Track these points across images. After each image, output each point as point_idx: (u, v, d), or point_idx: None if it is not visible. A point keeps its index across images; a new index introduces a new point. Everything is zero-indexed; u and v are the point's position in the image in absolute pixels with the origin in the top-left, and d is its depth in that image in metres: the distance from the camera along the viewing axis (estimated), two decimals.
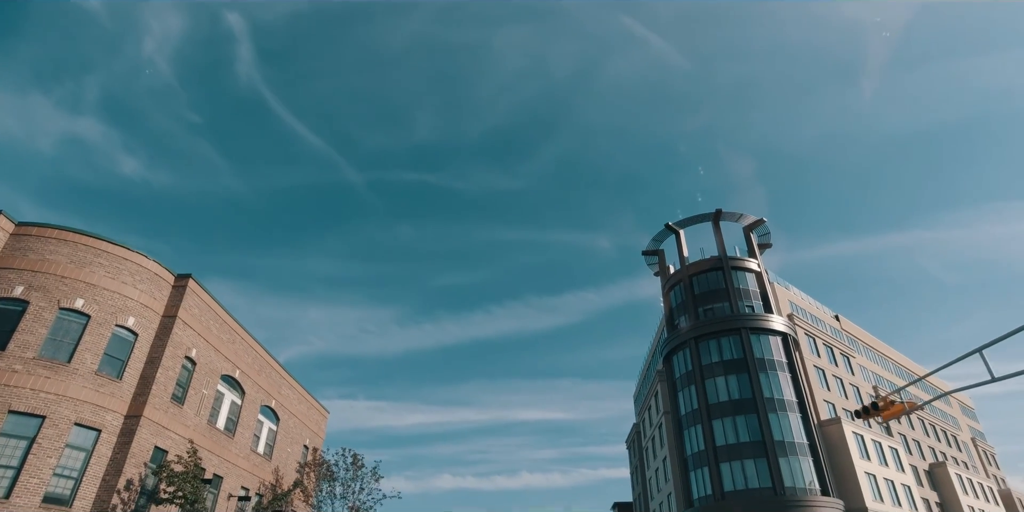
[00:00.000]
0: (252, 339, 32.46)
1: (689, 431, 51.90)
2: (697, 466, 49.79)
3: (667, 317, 60.41)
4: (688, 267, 58.44)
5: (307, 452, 38.03)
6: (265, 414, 34.12)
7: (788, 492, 44.98)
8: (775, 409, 48.62)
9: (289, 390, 37.07)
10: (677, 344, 55.20)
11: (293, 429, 37.30)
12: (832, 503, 45.17)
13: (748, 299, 55.12)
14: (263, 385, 33.47)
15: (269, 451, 34.30)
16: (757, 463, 46.59)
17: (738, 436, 48.32)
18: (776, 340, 52.61)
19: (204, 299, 27.78)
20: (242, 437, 30.98)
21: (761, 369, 50.43)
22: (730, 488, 46.77)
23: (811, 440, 48.07)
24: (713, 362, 52.32)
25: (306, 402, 39.67)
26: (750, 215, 59.27)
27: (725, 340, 52.71)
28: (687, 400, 53.11)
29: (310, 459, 35.84)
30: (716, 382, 51.24)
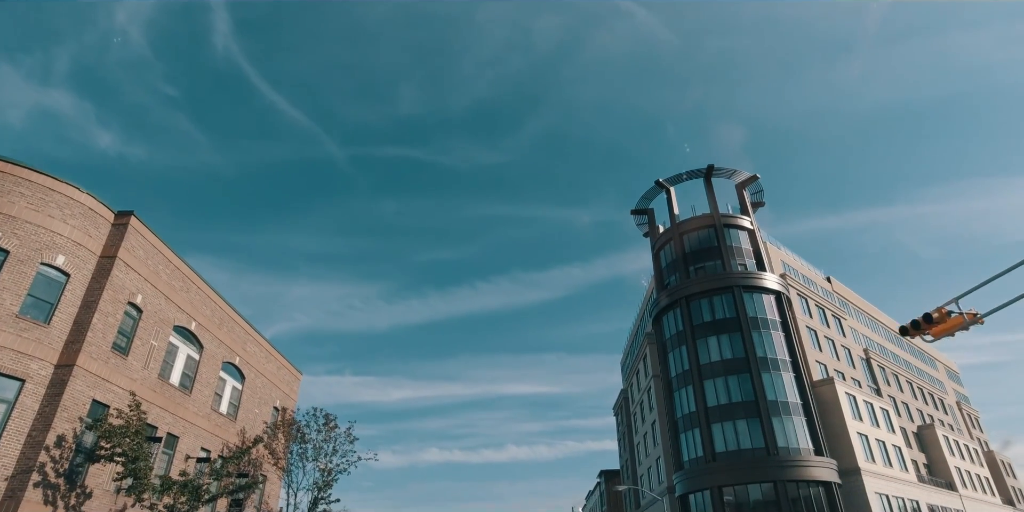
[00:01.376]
0: (211, 290, 29.72)
1: (679, 393, 50.21)
2: (688, 428, 48.21)
3: (657, 277, 58.33)
4: (679, 225, 56.20)
5: (277, 414, 35.65)
6: (228, 372, 31.57)
7: (781, 452, 43.54)
8: (768, 368, 46.96)
9: (255, 347, 34.50)
10: (668, 303, 53.20)
11: (261, 389, 34.84)
12: (826, 463, 43.83)
13: (741, 257, 53.08)
14: (225, 340, 30.85)
15: (233, 411, 31.85)
16: (750, 423, 45.04)
17: (730, 396, 46.68)
18: (769, 299, 50.76)
19: (150, 240, 24.93)
20: (201, 395, 28.46)
21: (754, 328, 48.63)
22: (722, 449, 45.26)
23: (804, 400, 46.57)
24: (705, 321, 50.42)
25: (275, 361, 37.16)
26: (743, 171, 56.94)
27: (717, 299, 50.76)
28: (677, 361, 51.32)
29: (279, 420, 33.45)
30: (708, 342, 49.40)
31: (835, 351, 59.13)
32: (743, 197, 57.28)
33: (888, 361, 69.21)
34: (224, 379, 31.16)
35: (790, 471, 42.62)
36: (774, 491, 42.27)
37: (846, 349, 61.48)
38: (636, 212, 61.93)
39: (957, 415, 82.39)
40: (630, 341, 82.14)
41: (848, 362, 60.34)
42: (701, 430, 46.52)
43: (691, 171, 57.61)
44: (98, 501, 21.23)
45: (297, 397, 39.81)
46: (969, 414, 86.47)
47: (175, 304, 26.55)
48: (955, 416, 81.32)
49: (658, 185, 59.05)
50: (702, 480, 45.07)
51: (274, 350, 37.24)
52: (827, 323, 60.81)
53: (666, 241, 57.20)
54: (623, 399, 76.85)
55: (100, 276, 22.24)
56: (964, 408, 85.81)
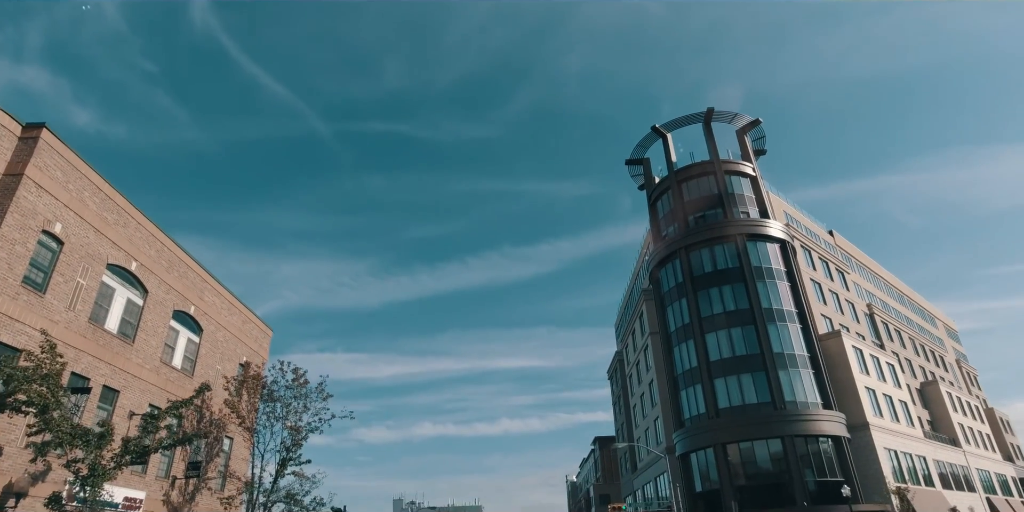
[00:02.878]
0: (156, 227, 26.12)
1: (680, 348, 47.41)
2: (688, 384, 45.54)
3: (653, 229, 55.13)
4: (677, 173, 52.79)
5: (244, 371, 32.40)
6: (182, 322, 28.16)
7: (789, 406, 40.97)
8: (774, 320, 44.14)
9: (215, 297, 31.06)
10: (666, 255, 50.07)
11: (223, 344, 31.50)
12: (835, 417, 41.34)
13: (743, 205, 49.88)
14: (175, 286, 27.36)
15: (190, 366, 28.54)
16: (755, 377, 42.36)
17: (734, 350, 43.91)
18: (774, 248, 47.73)
19: (71, 160, 21.24)
20: (146, 345, 25.07)
21: (759, 278, 45.68)
22: (725, 405, 42.63)
23: (812, 352, 43.89)
24: (706, 272, 47.40)
25: (240, 314, 33.78)
26: (745, 115, 53.38)
27: (719, 248, 47.66)
28: (677, 315, 48.41)
29: (244, 375, 30.16)
30: (709, 293, 46.44)
31: (839, 305, 56.47)
32: (744, 143, 53.82)
33: (891, 317, 66.85)
34: (177, 330, 27.77)
35: (798, 426, 40.09)
36: (782, 447, 39.78)
37: (850, 304, 58.88)
38: (631, 162, 58.37)
39: (957, 373, 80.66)
40: (624, 302, 79.34)
41: (852, 317, 57.77)
42: (703, 386, 43.83)
43: (689, 115, 54.00)
44: (11, 460, 17.94)
45: (267, 355, 36.58)
46: (968, 372, 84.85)
47: (109, 239, 22.96)
48: (955, 374, 79.58)
49: (655, 132, 55.43)
50: (704, 438, 42.53)
51: (239, 303, 33.86)
52: (831, 277, 58.04)
53: (664, 190, 53.84)
54: (618, 362, 74.31)
55: (3, 197, 18.59)
56: (963, 366, 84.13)
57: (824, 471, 39.44)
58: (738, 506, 39.48)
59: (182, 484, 27.27)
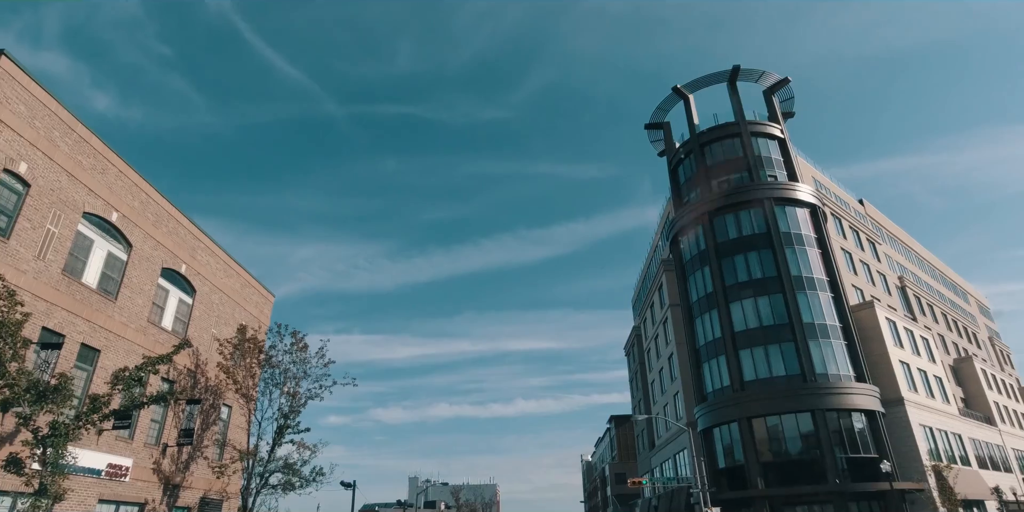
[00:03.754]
0: (139, 176, 24.19)
1: (702, 319, 45.12)
2: (711, 356, 43.31)
3: (674, 196, 52.57)
4: (700, 135, 50.03)
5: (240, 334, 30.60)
6: (172, 281, 26.36)
7: (819, 379, 38.66)
8: (803, 288, 41.65)
9: (210, 257, 29.22)
10: (688, 221, 47.56)
11: (219, 306, 29.72)
12: (868, 390, 38.98)
13: (771, 168, 47.12)
14: (165, 242, 25.50)
15: (181, 328, 26.80)
16: (783, 348, 40.02)
17: (760, 319, 41.54)
18: (803, 213, 45.05)
19: (38, 95, 19.25)
20: (131, 303, 23.28)
21: (787, 244, 43.10)
22: (751, 377, 40.39)
23: (844, 323, 41.42)
24: (731, 239, 44.88)
25: (238, 277, 31.98)
26: (773, 73, 50.36)
27: (744, 214, 45.07)
28: (699, 284, 46.03)
29: (239, 339, 28.30)
30: (734, 261, 43.98)
31: (871, 276, 53.73)
32: (772, 104, 50.85)
33: (923, 291, 63.89)
34: (167, 289, 25.97)
35: (829, 399, 37.81)
36: (812, 421, 37.56)
37: (881, 275, 56.09)
38: (650, 126, 55.63)
39: (990, 350, 77.59)
40: (642, 277, 76.97)
41: (884, 289, 55.03)
42: (727, 357, 41.59)
43: (713, 74, 51.07)
44: None
45: (268, 321, 34.82)
46: (1002, 350, 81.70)
47: (84, 186, 21.05)
48: (988, 351, 76.53)
49: (676, 93, 52.58)
50: (728, 412, 40.40)
51: (237, 265, 32.02)
52: (861, 247, 55.21)
53: (685, 155, 51.16)
54: (635, 337, 72.19)
55: None
56: (996, 344, 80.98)
57: (857, 447, 37.21)
58: (764, 483, 37.45)
59: (175, 452, 25.68)
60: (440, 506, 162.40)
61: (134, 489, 23.05)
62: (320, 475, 26.37)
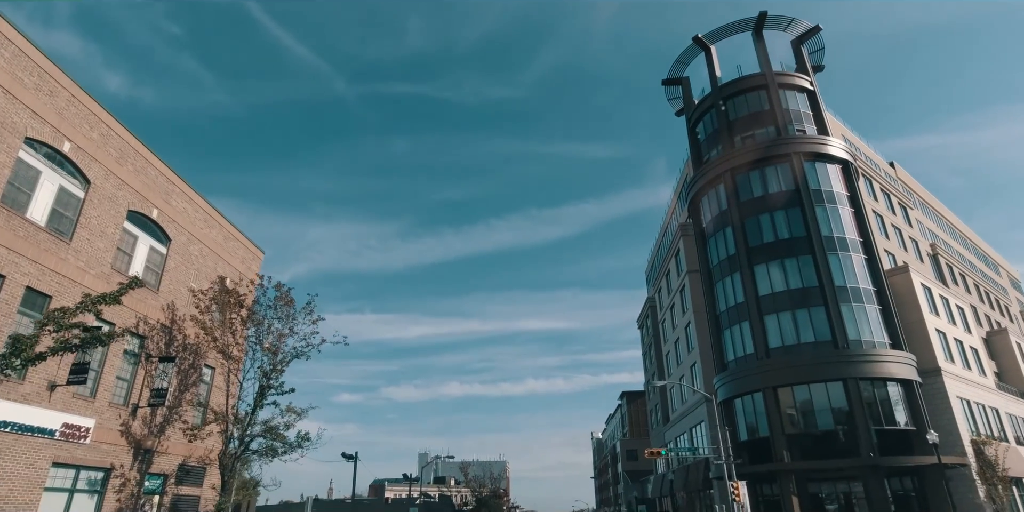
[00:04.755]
0: (98, 104, 21.48)
1: (723, 283, 42.20)
2: (733, 322, 40.48)
3: (693, 155, 49.34)
4: (723, 88, 46.60)
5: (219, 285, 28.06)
6: (142, 226, 23.79)
7: (852, 345, 35.76)
8: (835, 249, 38.58)
9: (186, 204, 26.60)
10: (709, 180, 44.43)
11: (199, 259, 27.18)
12: (905, 358, 36.07)
13: (799, 122, 43.73)
14: (131, 182, 22.87)
15: (154, 280, 24.30)
16: (812, 313, 37.12)
17: (787, 282, 38.58)
18: (835, 169, 41.77)
19: None
20: (90, 246, 20.72)
21: (817, 202, 39.97)
22: (777, 344, 37.57)
23: (879, 286, 38.34)
24: (755, 197, 41.75)
25: (221, 229, 29.39)
26: (803, 21, 46.63)
27: (771, 170, 41.85)
28: (720, 247, 43.04)
29: (217, 290, 25.68)
30: (759, 221, 40.89)
31: (902, 242, 50.45)
32: (801, 55, 47.22)
33: (955, 260, 60.46)
34: (135, 235, 23.41)
35: (863, 367, 34.97)
36: (843, 390, 34.78)
37: (914, 242, 52.76)
38: (668, 82, 52.17)
39: (1021, 324, 74.16)
40: (656, 245, 73.92)
41: (916, 256, 51.76)
42: (751, 323, 38.75)
43: (738, 21, 47.45)
44: None
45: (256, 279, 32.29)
46: None
47: (26, 107, 18.34)
48: (1020, 325, 73.10)
49: (696, 44, 49.03)
50: (752, 381, 37.69)
51: (220, 216, 29.42)
52: (893, 210, 51.85)
53: (706, 110, 47.78)
54: (649, 309, 69.43)
55: None
56: None
57: (893, 419, 34.46)
58: (790, 457, 34.83)
59: (147, 414, 23.35)
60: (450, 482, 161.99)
61: (97, 452, 20.74)
62: (305, 440, 23.95)
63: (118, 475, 21.60)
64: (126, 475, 22.12)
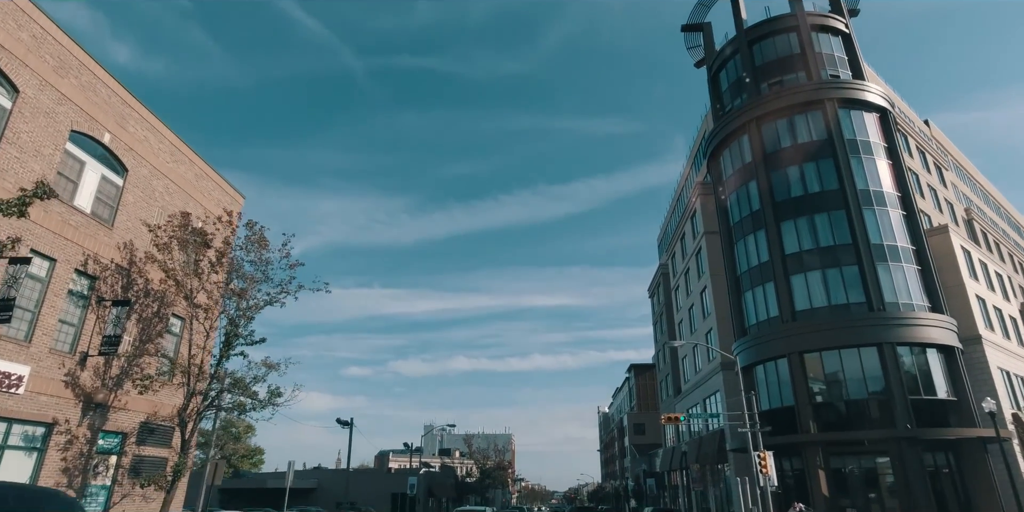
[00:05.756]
0: (32, 5, 18.30)
1: (744, 241, 39.00)
2: (756, 283, 37.37)
3: (714, 107, 45.79)
4: (748, 31, 42.83)
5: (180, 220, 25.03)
6: (91, 152, 20.78)
7: (889, 308, 32.61)
8: (871, 203, 35.26)
9: (148, 133, 23.55)
10: (732, 130, 40.94)
11: (164, 196, 24.23)
12: (945, 322, 32.94)
13: (832, 67, 40.03)
14: (74, 98, 19.80)
15: (107, 214, 21.38)
16: (844, 272, 33.94)
17: (817, 240, 35.34)
18: (872, 118, 38.17)
19: None
20: (21, 166, 17.76)
21: (852, 152, 36.51)
22: (804, 306, 34.49)
23: (918, 245, 35.04)
24: (783, 148, 38.31)
25: (192, 166, 26.38)
26: None
27: (801, 119, 38.31)
28: (743, 203, 39.74)
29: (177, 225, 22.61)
30: (787, 173, 37.51)
31: (938, 203, 46.95)
32: None
33: (989, 226, 56.86)
34: (81, 160, 20.41)
35: (899, 331, 31.89)
36: (878, 356, 31.76)
37: (948, 204, 49.23)
38: (688, 28, 48.34)
39: None
40: (670, 211, 70.56)
41: (951, 219, 48.27)
42: (776, 284, 35.63)
43: None
44: None
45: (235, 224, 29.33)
46: None
47: None
48: None
49: None
50: (775, 346, 34.73)
51: (191, 151, 26.40)
52: (928, 169, 48.23)
53: (731, 55, 44.03)
54: (661, 276, 66.36)
55: None
56: None
57: (932, 388, 31.47)
58: (816, 427, 31.99)
59: (100, 365, 20.63)
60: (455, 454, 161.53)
61: (35, 405, 18.06)
62: (277, 396, 21.21)
63: (63, 431, 18.95)
64: (73, 432, 19.47)
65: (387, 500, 62.96)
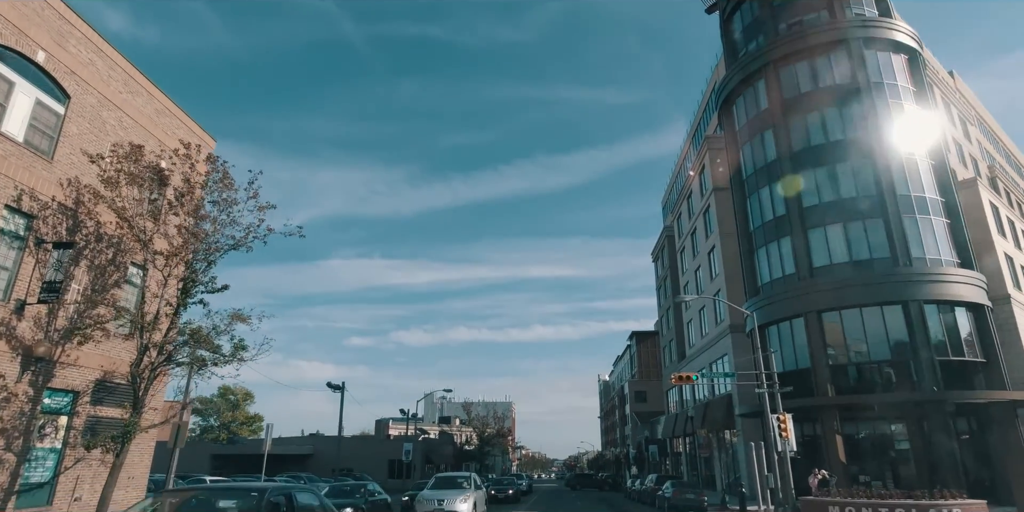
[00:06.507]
0: None
1: (758, 195, 36.46)
2: (770, 239, 34.92)
3: (727, 53, 42.67)
4: None
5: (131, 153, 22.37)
6: (19, 70, 18.10)
7: (916, 263, 30.18)
8: (898, 150, 32.43)
9: (95, 56, 20.82)
10: (748, 74, 37.98)
11: (115, 130, 21.59)
12: (975, 279, 30.60)
13: (858, 6, 36.79)
14: None
15: (46, 144, 18.81)
16: (868, 225, 31.47)
17: (839, 191, 32.79)
18: (900, 59, 35.21)
19: None
20: None
21: (879, 96, 33.55)
22: (823, 262, 32.10)
23: (947, 197, 32.46)
24: (803, 93, 35.46)
25: (150, 99, 23.69)
26: None
27: (822, 61, 35.39)
28: (757, 153, 37.07)
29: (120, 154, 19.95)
30: (806, 120, 34.73)
31: (963, 158, 44.15)
32: None
33: (1012, 186, 54.10)
34: (10, 81, 17.75)
35: (927, 288, 29.56)
36: (903, 315, 29.49)
37: (973, 160, 46.44)
38: None
39: None
40: (675, 172, 67.69)
41: (976, 176, 45.48)
42: (793, 239, 33.19)
43: None
44: None
45: (196, 160, 26.74)
46: None
47: None
48: None
49: None
50: (791, 305, 32.46)
51: (150, 83, 23.66)
52: (953, 123, 45.28)
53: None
54: (665, 238, 63.89)
55: None
56: None
57: (960, 349, 29.24)
58: (835, 390, 29.90)
59: (41, 315, 18.30)
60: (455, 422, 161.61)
61: None
62: (242, 349, 18.93)
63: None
64: (11, 389, 17.26)
65: (384, 467, 61.86)
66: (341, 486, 23.83)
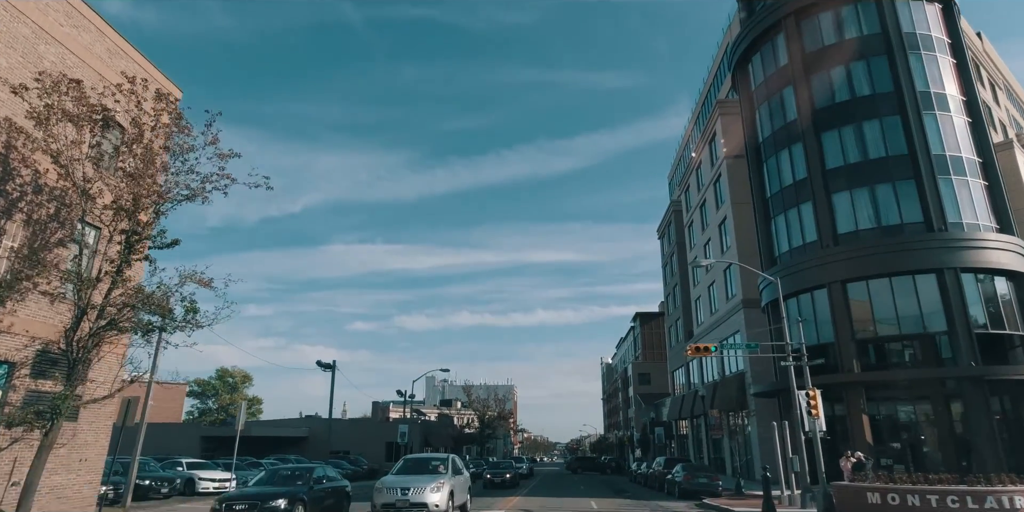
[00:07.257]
0: None
1: (776, 159, 33.78)
2: (789, 205, 32.36)
3: (742, 7, 39.60)
4: None
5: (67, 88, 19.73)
6: None
7: (951, 228, 27.56)
8: (932, 107, 29.83)
9: None
10: (766, 28, 35.07)
11: (55, 66, 18.91)
12: (1015, 244, 27.97)
13: None
14: None
15: None
16: (899, 188, 28.84)
17: (866, 151, 30.08)
18: (934, 9, 32.33)
19: None
20: None
21: (911, 47, 30.74)
22: (848, 228, 29.52)
23: (985, 157, 29.76)
24: (826, 46, 32.64)
25: (101, 37, 21.04)
26: None
27: (848, 10, 32.55)
28: (775, 114, 34.35)
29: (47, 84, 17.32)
30: (831, 75, 31.98)
31: (992, 123, 41.27)
32: None
33: None
34: None
35: (964, 255, 27.01)
36: (936, 284, 26.93)
37: (1002, 125, 43.59)
38: None
39: None
40: (682, 145, 64.82)
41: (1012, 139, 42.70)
42: (815, 204, 30.57)
43: None
44: None
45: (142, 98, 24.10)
46: None
47: None
48: None
49: None
50: (812, 276, 29.93)
51: (99, 18, 21.00)
52: (983, 85, 42.35)
53: None
54: (672, 213, 61.21)
55: None
56: None
57: (1000, 321, 26.76)
58: (860, 366, 27.47)
59: None
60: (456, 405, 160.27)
61: None
62: (193, 312, 16.49)
63: None
64: None
65: (382, 449, 60.12)
66: (279, 470, 20.11)
